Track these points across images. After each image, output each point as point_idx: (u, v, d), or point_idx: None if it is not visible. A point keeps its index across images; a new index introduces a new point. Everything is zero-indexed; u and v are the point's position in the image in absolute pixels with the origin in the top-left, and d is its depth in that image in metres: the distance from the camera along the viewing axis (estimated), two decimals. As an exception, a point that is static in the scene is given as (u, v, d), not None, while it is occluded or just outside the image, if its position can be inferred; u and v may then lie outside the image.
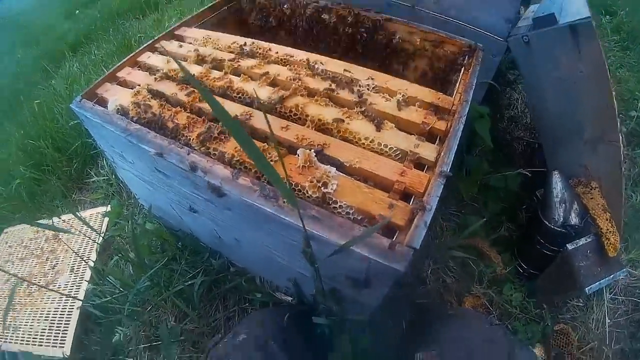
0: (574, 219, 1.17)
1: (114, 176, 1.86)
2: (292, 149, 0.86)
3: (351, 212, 0.74)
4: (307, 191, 0.77)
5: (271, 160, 0.82)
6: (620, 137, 1.20)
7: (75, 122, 2.07)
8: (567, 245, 1.16)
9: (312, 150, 0.83)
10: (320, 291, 0.88)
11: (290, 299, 1.23)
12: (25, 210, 1.96)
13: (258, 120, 0.92)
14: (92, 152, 2.05)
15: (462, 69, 1.11)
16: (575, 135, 1.24)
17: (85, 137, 2.03)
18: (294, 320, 1.03)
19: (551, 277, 1.25)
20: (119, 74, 1.15)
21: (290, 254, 0.90)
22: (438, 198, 0.73)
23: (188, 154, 0.86)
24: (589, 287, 1.14)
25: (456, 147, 0.82)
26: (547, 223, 1.20)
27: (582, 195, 1.24)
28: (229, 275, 1.34)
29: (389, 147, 0.84)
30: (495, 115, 1.73)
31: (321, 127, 0.91)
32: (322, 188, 0.76)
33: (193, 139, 0.89)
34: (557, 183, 1.21)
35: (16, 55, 4.03)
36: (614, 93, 1.17)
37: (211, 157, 0.86)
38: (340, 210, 0.75)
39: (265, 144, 0.87)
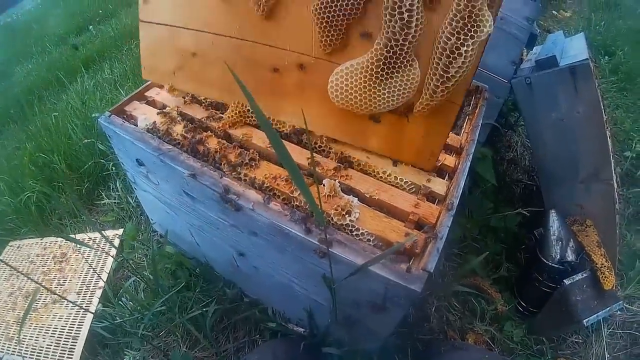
0: (570, 256, 1.22)
1: (125, 200, 1.84)
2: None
3: (371, 239, 0.78)
4: (332, 218, 0.80)
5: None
6: (615, 177, 1.27)
7: (89, 140, 2.07)
8: (564, 280, 1.20)
9: (337, 181, 0.86)
10: (334, 318, 0.90)
11: (302, 330, 1.22)
12: (33, 225, 1.93)
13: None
14: (105, 173, 2.03)
15: (469, 109, 1.15)
16: (571, 174, 1.31)
17: (98, 157, 2.03)
18: (305, 352, 1.03)
19: (550, 312, 1.28)
20: (148, 94, 1.17)
21: (310, 280, 0.93)
22: (448, 228, 0.78)
23: (221, 177, 0.87)
24: (586, 320, 1.18)
25: (463, 183, 0.87)
26: (545, 260, 1.25)
27: (577, 232, 1.30)
28: (242, 305, 1.32)
29: (404, 181, 0.89)
30: (496, 157, 1.79)
31: (343, 160, 0.94)
32: (347, 216, 0.79)
33: (224, 163, 0.91)
34: (554, 221, 1.26)
35: (28, 64, 4.06)
36: (609, 133, 1.24)
37: (242, 182, 0.88)
38: (361, 237, 0.79)
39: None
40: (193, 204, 1.01)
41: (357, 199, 0.84)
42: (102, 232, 0.97)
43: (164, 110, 1.07)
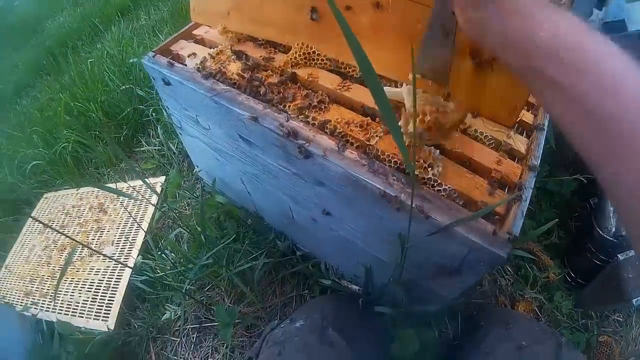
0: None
1: (166, 146, 1.78)
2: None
3: (454, 195, 0.70)
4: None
5: (377, 136, 0.75)
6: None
7: (127, 86, 2.00)
8: (618, 255, 1.14)
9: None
10: (397, 277, 0.84)
11: (356, 287, 1.16)
12: (69, 175, 1.90)
13: (357, 93, 0.84)
14: (144, 119, 1.97)
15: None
16: None
17: (137, 103, 1.96)
18: (357, 311, 0.99)
19: (600, 286, 1.23)
20: (196, 32, 1.07)
21: (376, 236, 0.86)
22: (531, 190, 0.71)
23: (287, 121, 0.78)
24: (636, 299, 1.12)
25: (543, 143, 0.80)
26: (600, 231, 1.19)
27: None
28: (294, 259, 1.26)
29: (484, 135, 0.80)
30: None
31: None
32: (429, 169, 0.70)
33: (289, 105, 0.81)
34: None
35: (59, 17, 4.00)
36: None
37: (311, 126, 0.78)
38: (443, 193, 0.70)
39: (369, 118, 0.79)
40: (250, 150, 0.92)
41: (438, 151, 0.74)
42: (142, 180, 0.89)
43: (215, 48, 0.97)
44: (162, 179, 1.65)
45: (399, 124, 0.69)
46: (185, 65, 0.96)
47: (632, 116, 0.36)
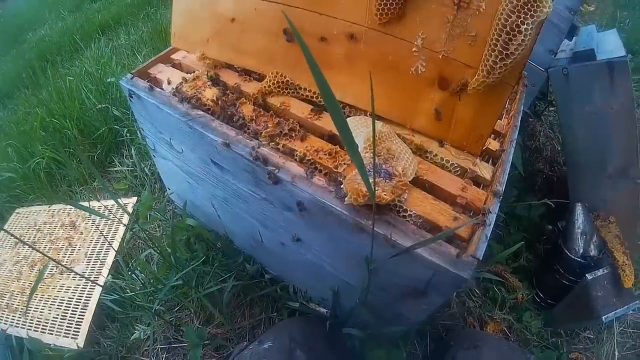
0: (593, 251, 1.23)
1: (139, 167, 1.78)
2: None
3: (419, 221, 0.73)
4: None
5: (344, 164, 0.78)
6: (642, 175, 1.28)
7: (103, 105, 2.00)
8: (586, 275, 1.19)
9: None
10: (364, 299, 0.87)
11: (323, 310, 1.17)
12: (41, 191, 1.87)
13: (327, 122, 0.87)
14: (118, 139, 1.97)
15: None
16: (600, 169, 1.31)
17: (112, 123, 1.96)
18: (324, 333, 1.00)
19: (569, 305, 1.27)
20: (174, 56, 1.10)
21: (344, 260, 0.88)
22: (495, 215, 0.74)
23: (258, 147, 0.81)
24: (605, 316, 1.17)
25: (508, 170, 0.84)
26: (568, 253, 1.24)
27: (600, 228, 1.30)
28: (262, 282, 1.27)
29: (450, 162, 0.84)
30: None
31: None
32: (392, 195, 0.72)
33: (260, 132, 0.84)
34: (580, 215, 1.26)
35: (40, 30, 3.98)
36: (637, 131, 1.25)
37: (281, 153, 0.81)
38: (408, 218, 0.74)
39: (337, 146, 0.82)
40: (221, 175, 0.94)
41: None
42: (115, 200, 0.90)
43: (192, 73, 1.00)
44: (134, 199, 1.65)
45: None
46: (162, 89, 0.99)
47: None
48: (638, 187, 1.28)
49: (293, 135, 0.83)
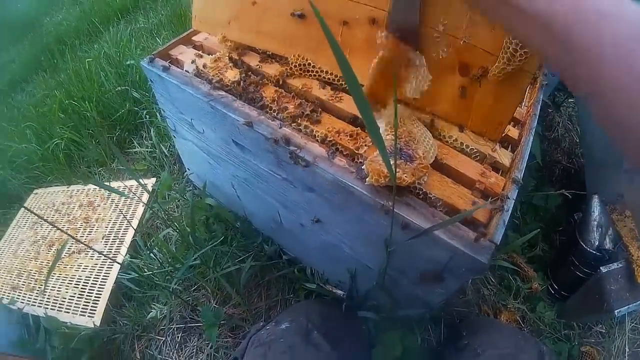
0: (608, 244, 1.21)
1: (158, 148, 1.80)
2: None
3: (439, 204, 0.74)
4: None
5: (365, 145, 0.79)
6: (659, 171, 1.27)
7: (123, 88, 2.02)
8: (600, 267, 1.18)
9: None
10: (381, 282, 0.87)
11: (340, 292, 1.18)
12: (60, 172, 1.90)
13: (348, 104, 0.87)
14: (138, 121, 1.99)
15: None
16: (617, 163, 1.27)
17: (131, 105, 1.98)
18: (341, 315, 1.01)
19: (583, 298, 1.27)
20: (195, 38, 1.10)
21: (362, 242, 0.89)
22: (514, 201, 0.74)
23: (280, 127, 0.81)
24: (618, 310, 1.16)
25: (527, 157, 0.83)
26: (584, 245, 1.23)
27: (616, 222, 1.28)
28: (280, 263, 1.28)
29: (470, 147, 0.83)
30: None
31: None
32: (413, 177, 0.73)
33: (282, 113, 0.84)
34: (596, 207, 1.26)
35: (58, 15, 4.00)
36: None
37: (303, 134, 0.82)
38: (428, 201, 0.74)
39: (358, 128, 0.82)
40: (242, 155, 0.95)
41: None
42: (136, 179, 0.92)
43: (213, 55, 1.00)
44: (153, 180, 1.67)
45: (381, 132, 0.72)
46: (183, 69, 0.99)
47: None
48: (654, 182, 1.26)
49: (315, 116, 0.84)
